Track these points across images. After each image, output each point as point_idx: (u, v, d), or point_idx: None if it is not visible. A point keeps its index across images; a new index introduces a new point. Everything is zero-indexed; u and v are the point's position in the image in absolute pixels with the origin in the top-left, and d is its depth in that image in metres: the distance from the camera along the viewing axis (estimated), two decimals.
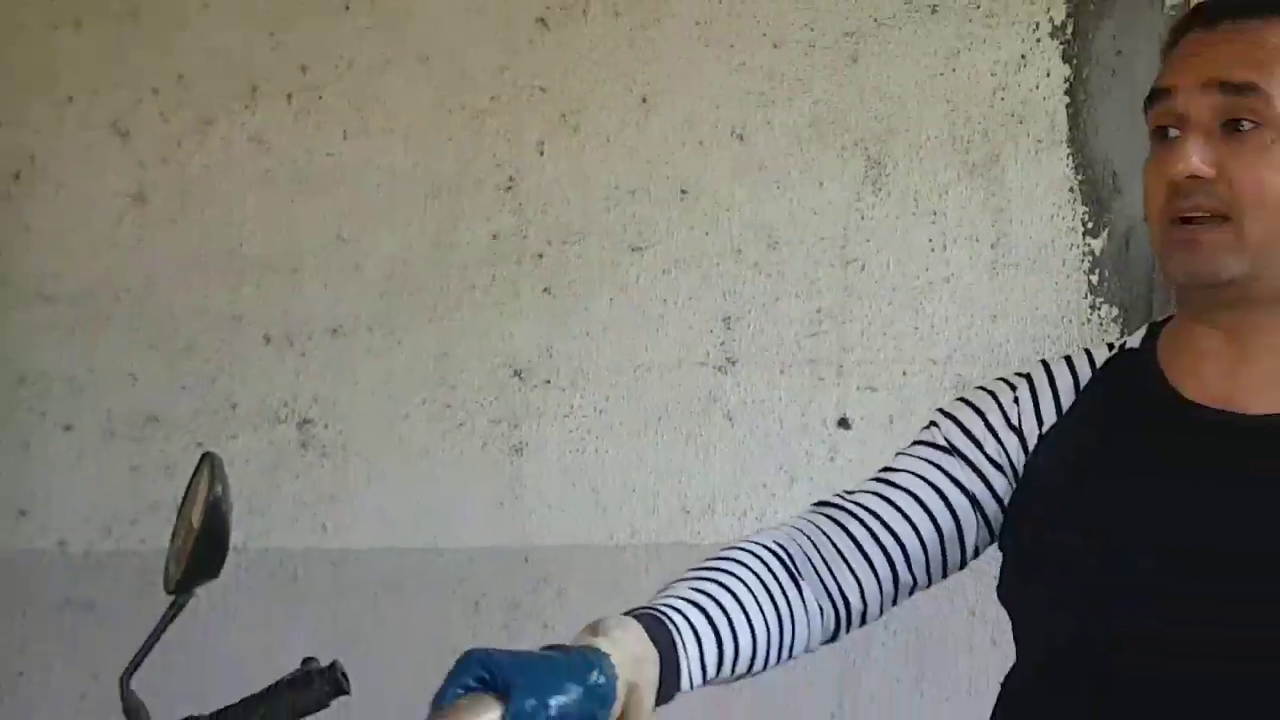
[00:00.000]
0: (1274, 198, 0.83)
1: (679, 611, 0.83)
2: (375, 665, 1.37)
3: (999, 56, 1.77)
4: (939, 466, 0.96)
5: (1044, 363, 0.98)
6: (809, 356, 1.79)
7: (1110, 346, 0.98)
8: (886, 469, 0.97)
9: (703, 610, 0.85)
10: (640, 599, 0.91)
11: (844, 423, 1.78)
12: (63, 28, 1.80)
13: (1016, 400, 0.95)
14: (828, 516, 0.96)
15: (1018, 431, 0.95)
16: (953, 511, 0.95)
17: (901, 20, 1.76)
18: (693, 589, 0.86)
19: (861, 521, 0.95)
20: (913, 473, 0.96)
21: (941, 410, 0.99)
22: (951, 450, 0.96)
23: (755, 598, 0.90)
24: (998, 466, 0.95)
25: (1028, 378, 0.97)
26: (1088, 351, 0.98)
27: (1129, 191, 1.77)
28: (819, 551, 0.96)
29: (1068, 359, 0.99)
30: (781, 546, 0.94)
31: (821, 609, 0.95)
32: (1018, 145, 1.79)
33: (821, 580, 0.95)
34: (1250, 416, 0.86)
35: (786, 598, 0.92)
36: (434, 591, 1.85)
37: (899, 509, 0.95)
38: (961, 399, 0.99)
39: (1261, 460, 0.85)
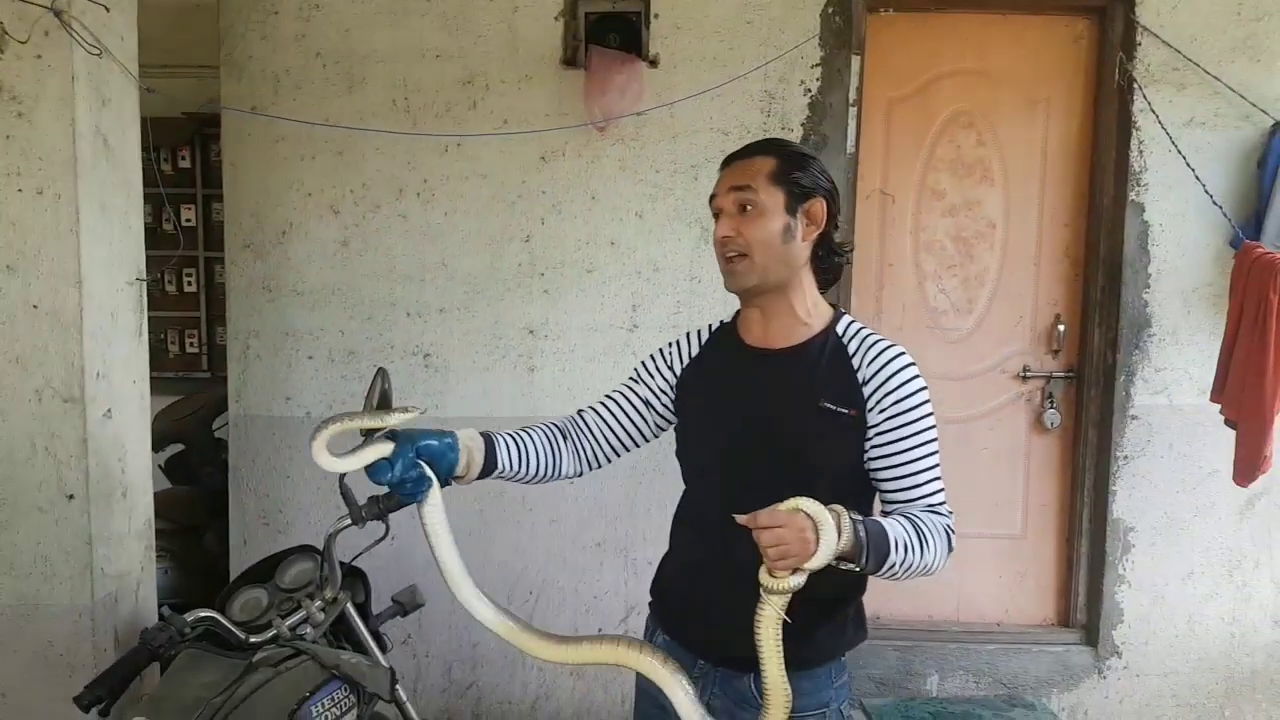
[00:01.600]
0: (761, 242, 1.45)
1: (498, 434, 1.50)
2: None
3: None
4: (634, 387, 1.64)
5: (688, 334, 1.64)
6: (672, 323, 3.01)
7: (721, 323, 1.64)
8: (615, 389, 1.65)
9: (511, 436, 1.51)
10: None
11: None
12: (305, 159, 2.98)
13: (674, 353, 1.63)
14: (580, 413, 1.66)
15: (671, 369, 1.62)
16: (639, 410, 1.63)
17: (717, 159, 2.93)
18: (508, 431, 1.53)
19: (596, 413, 1.64)
20: (623, 391, 1.64)
21: (642, 363, 1.65)
22: (639, 380, 1.64)
23: (538, 441, 1.56)
24: (664, 387, 1.62)
25: (680, 342, 1.63)
26: (710, 326, 1.64)
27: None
28: (575, 429, 1.64)
29: (699, 330, 1.64)
30: (557, 425, 1.62)
31: (576, 456, 1.63)
32: None
33: (575, 442, 1.63)
34: (774, 349, 1.51)
35: (554, 444, 1.59)
36: None
37: (614, 410, 1.63)
38: (657, 350, 1.65)
39: (777, 369, 1.46)
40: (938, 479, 1.45)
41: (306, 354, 3.07)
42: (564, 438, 1.62)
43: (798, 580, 1.24)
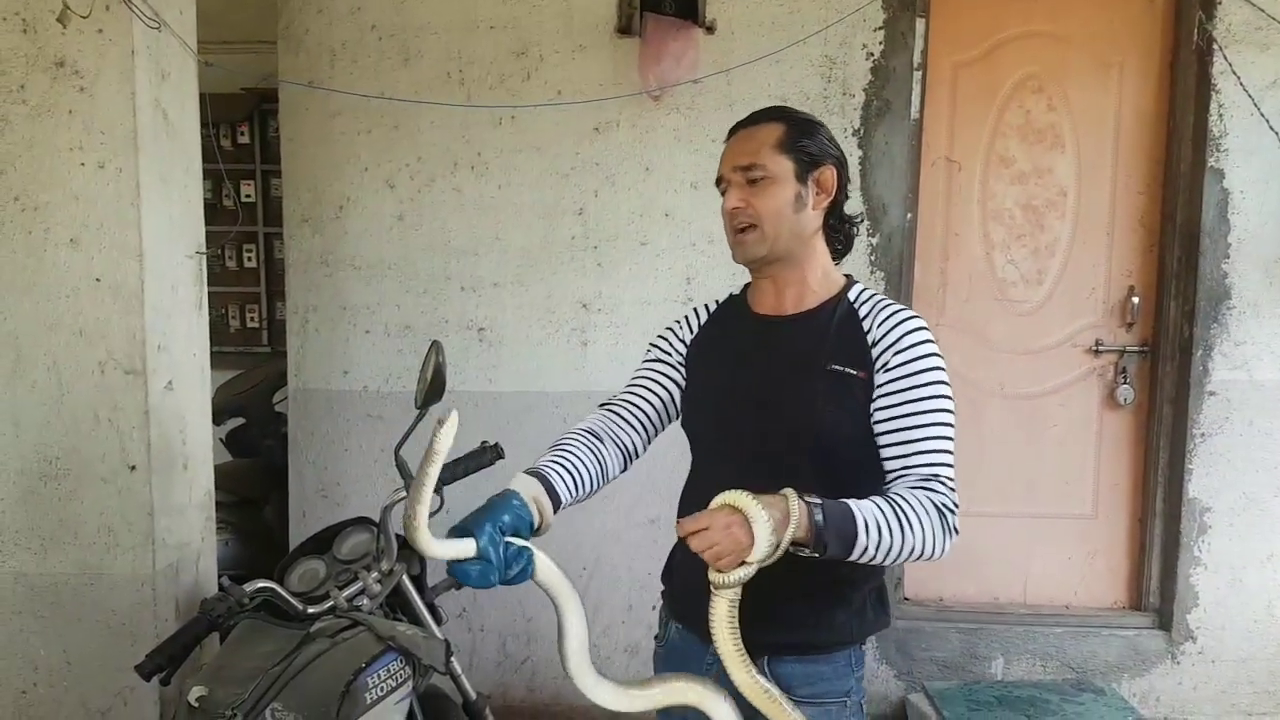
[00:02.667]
0: (772, 212, 1.41)
1: (548, 467, 1.39)
2: (508, 450, 2.07)
3: None
4: (653, 365, 1.60)
5: (695, 308, 1.62)
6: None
7: (730, 295, 1.60)
8: (636, 373, 1.59)
9: (559, 464, 1.41)
10: None
11: None
12: (361, 134, 2.97)
13: (683, 326, 1.60)
14: (608, 406, 1.58)
15: (684, 341, 1.59)
16: (664, 387, 1.58)
17: None
18: (553, 457, 1.42)
19: (626, 401, 1.58)
20: (644, 372, 1.59)
21: (654, 343, 1.61)
22: (657, 358, 1.60)
23: (583, 456, 1.46)
24: (679, 363, 1.58)
25: (689, 315, 1.61)
26: (718, 300, 1.61)
27: (890, 214, 3.00)
28: (608, 425, 1.56)
29: (707, 304, 1.61)
30: (588, 429, 1.53)
31: (617, 451, 1.55)
32: None
33: (613, 437, 1.55)
34: (783, 316, 1.48)
35: (597, 452, 1.49)
36: (542, 412, 3.02)
37: (642, 393, 1.57)
38: (666, 328, 1.62)
39: (785, 334, 1.41)
40: (945, 451, 1.36)
41: (364, 328, 3.09)
42: (601, 438, 1.54)
43: (744, 573, 1.20)
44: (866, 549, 1.25)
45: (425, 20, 2.96)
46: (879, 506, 1.28)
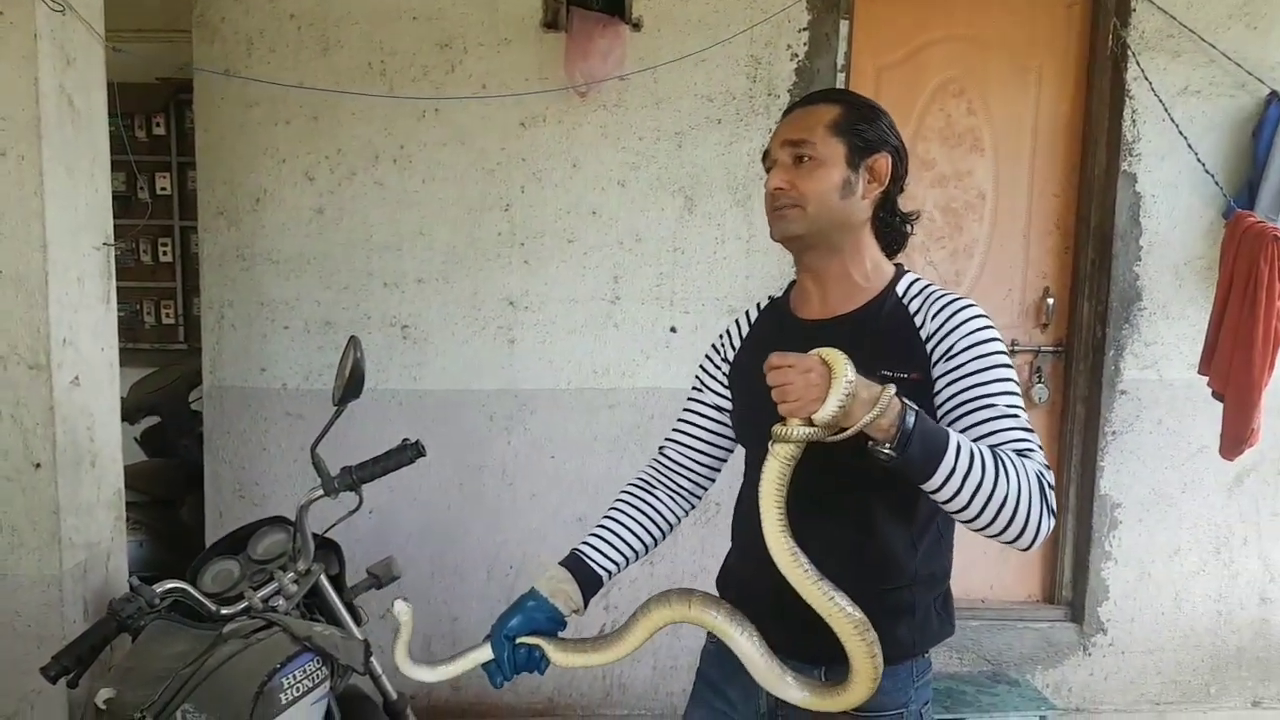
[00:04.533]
0: (817, 195, 1.33)
1: (585, 546, 1.45)
2: (432, 449, 2.04)
3: (753, 144, 2.90)
4: (700, 396, 1.55)
5: (736, 319, 1.55)
6: (655, 295, 2.97)
7: (770, 298, 1.53)
8: (684, 407, 1.55)
9: (600, 536, 1.47)
10: (571, 419, 2.51)
11: (673, 329, 2.99)
12: (279, 125, 2.88)
13: (724, 345, 1.53)
14: (662, 450, 1.57)
15: (726, 361, 1.52)
16: (715, 420, 1.53)
17: (702, 126, 2.91)
18: (596, 529, 1.49)
19: (676, 443, 1.56)
20: (692, 408, 1.55)
21: (700, 366, 1.55)
22: (703, 387, 1.54)
23: (630, 516, 1.51)
24: (722, 387, 1.52)
25: (729, 330, 1.53)
26: (758, 304, 1.53)
27: None
28: (659, 473, 1.57)
29: (747, 311, 1.53)
30: (643, 478, 1.56)
31: (673, 498, 1.55)
32: (761, 190, 2.78)
33: (668, 485, 1.56)
34: (826, 319, 1.37)
35: (647, 506, 1.53)
36: (468, 410, 2.98)
37: (689, 429, 1.54)
38: (706, 357, 1.54)
39: (829, 340, 1.19)
40: (1027, 429, 1.25)
41: (282, 324, 3.01)
42: (653, 489, 1.56)
43: (805, 432, 1.13)
44: (954, 473, 1.14)
45: (346, 9, 2.90)
46: (975, 444, 1.18)
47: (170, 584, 1.77)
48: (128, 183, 4.05)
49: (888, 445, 1.13)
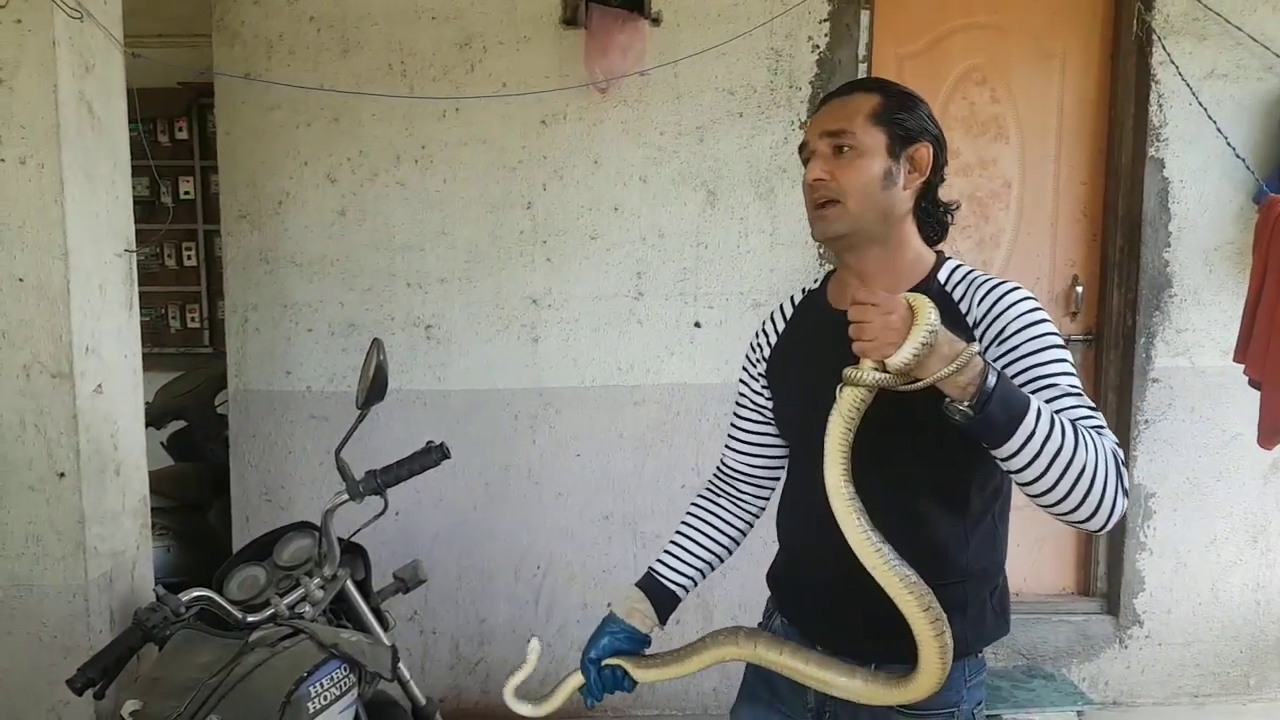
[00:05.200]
0: (858, 187, 1.29)
1: (656, 565, 1.50)
2: (457, 449, 2.04)
3: (775, 136, 2.89)
4: (745, 402, 1.53)
5: (771, 314, 1.52)
6: (679, 291, 2.95)
7: (804, 290, 1.50)
8: (734, 416, 1.54)
9: (670, 554, 1.51)
10: (596, 417, 2.58)
11: (698, 324, 2.96)
12: (301, 127, 2.89)
13: (761, 344, 1.50)
14: (722, 461, 1.57)
15: (764, 360, 1.49)
16: (768, 422, 1.50)
17: (723, 120, 2.89)
18: (666, 547, 1.53)
19: (734, 451, 1.55)
20: (740, 414, 1.54)
21: (742, 368, 1.53)
22: (748, 390, 1.51)
23: (698, 529, 1.54)
24: (762, 388, 1.50)
25: (765, 326, 1.50)
26: (792, 297, 1.50)
27: None
28: (723, 482, 1.58)
29: (782, 306, 1.51)
30: (707, 491, 1.58)
31: (737, 507, 1.56)
32: (784, 183, 2.89)
33: (731, 495, 1.57)
34: None
35: (713, 517, 1.55)
36: (493, 410, 2.98)
37: (741, 435, 1.53)
38: (745, 357, 1.52)
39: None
40: (1092, 406, 1.21)
41: (306, 326, 3.01)
42: (717, 499, 1.58)
43: (876, 376, 1.11)
44: (1033, 436, 1.09)
45: (365, 11, 2.89)
46: (1055, 413, 1.14)
47: (196, 592, 1.76)
48: (150, 188, 4.06)
49: (966, 403, 1.09)
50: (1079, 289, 3.14)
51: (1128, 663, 3.16)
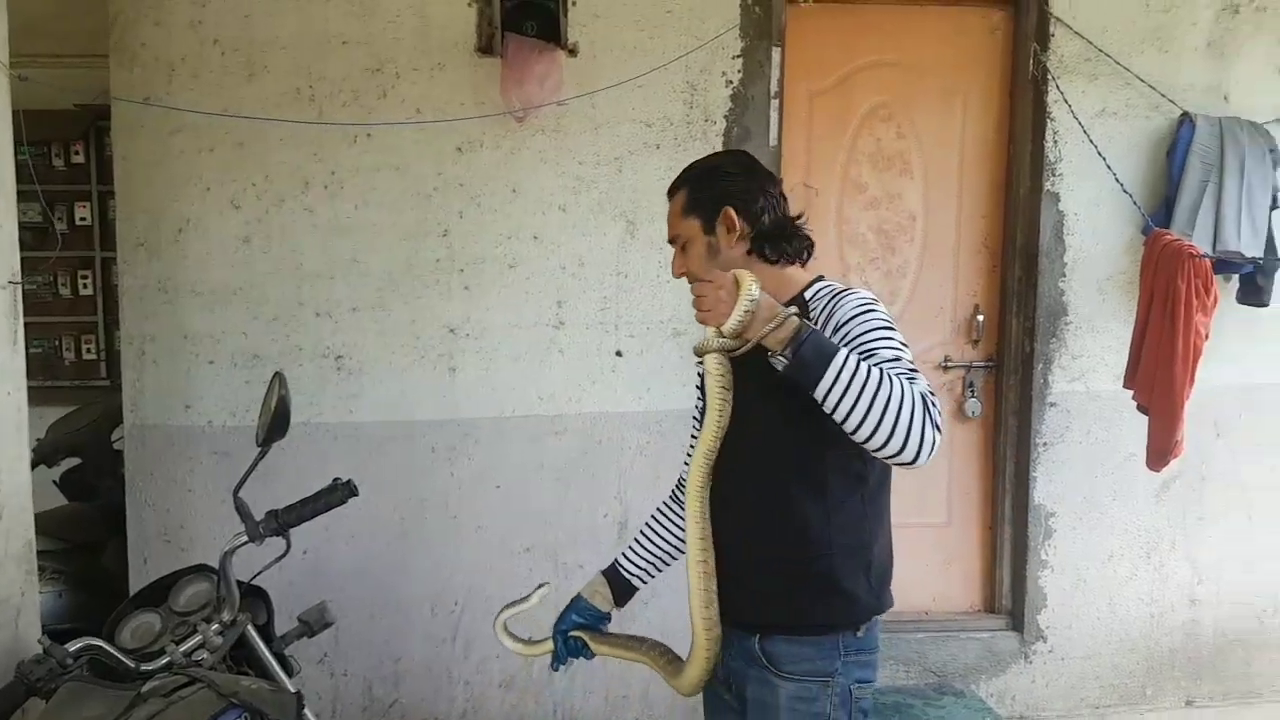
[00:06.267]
0: (698, 266, 1.59)
1: (620, 557, 1.80)
2: (370, 483, 2.15)
3: None
4: (697, 410, 1.74)
5: None
6: (600, 320, 2.94)
7: None
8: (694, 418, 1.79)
9: (631, 548, 1.80)
10: (516, 447, 2.69)
11: (619, 353, 2.96)
12: (203, 152, 2.79)
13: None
14: (685, 463, 1.71)
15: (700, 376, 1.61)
16: None
17: (640, 151, 2.91)
18: (631, 542, 1.81)
19: (689, 451, 1.72)
20: (696, 416, 1.76)
21: (696, 386, 1.71)
22: (697, 402, 1.72)
23: (656, 525, 1.80)
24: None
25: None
26: None
27: None
28: (679, 490, 1.80)
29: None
30: (674, 490, 1.83)
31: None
32: None
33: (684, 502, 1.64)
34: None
35: (677, 511, 1.77)
36: (408, 442, 2.91)
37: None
38: (696, 373, 1.66)
39: (748, 358, 1.44)
40: (911, 367, 1.41)
41: (207, 358, 2.89)
42: (675, 504, 1.81)
43: (719, 342, 1.43)
44: (840, 375, 1.30)
45: (272, 35, 2.83)
46: (862, 357, 1.37)
47: (84, 641, 1.68)
48: (43, 214, 3.88)
49: (784, 353, 1.34)
50: (980, 318, 3.25)
51: (1033, 677, 3.26)
